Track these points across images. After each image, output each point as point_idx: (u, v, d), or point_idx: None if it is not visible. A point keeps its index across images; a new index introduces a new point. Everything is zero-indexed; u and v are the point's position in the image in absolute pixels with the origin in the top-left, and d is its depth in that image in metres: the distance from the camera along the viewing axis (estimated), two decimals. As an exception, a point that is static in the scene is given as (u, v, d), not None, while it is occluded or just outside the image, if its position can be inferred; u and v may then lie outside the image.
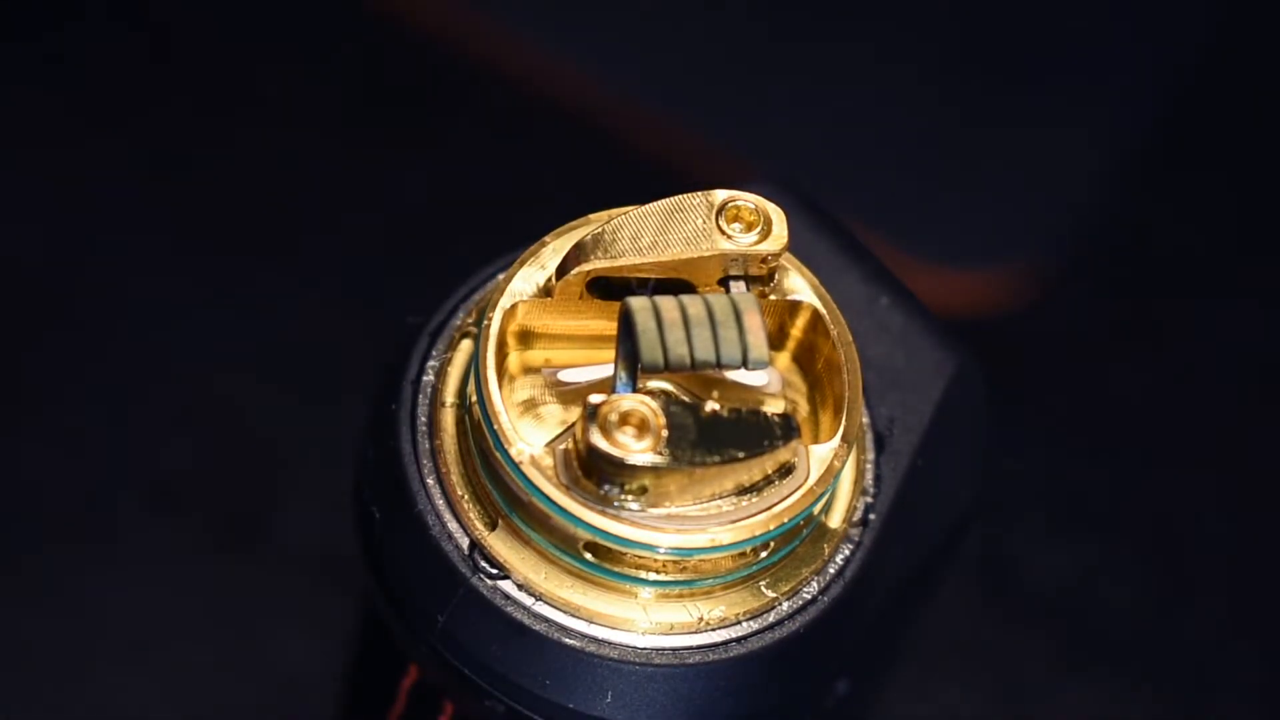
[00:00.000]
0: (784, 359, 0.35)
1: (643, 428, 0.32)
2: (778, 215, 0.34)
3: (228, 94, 0.63)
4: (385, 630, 0.36)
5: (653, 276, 0.34)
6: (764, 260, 0.34)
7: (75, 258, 0.60)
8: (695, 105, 0.64)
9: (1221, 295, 0.63)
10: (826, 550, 0.35)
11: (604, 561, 0.33)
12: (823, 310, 0.35)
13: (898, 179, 0.64)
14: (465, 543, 0.34)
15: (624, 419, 0.32)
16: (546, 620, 0.34)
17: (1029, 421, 0.60)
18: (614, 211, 0.35)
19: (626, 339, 0.33)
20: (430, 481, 0.34)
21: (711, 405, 0.33)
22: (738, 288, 0.34)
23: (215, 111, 0.63)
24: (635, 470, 0.32)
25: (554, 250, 0.35)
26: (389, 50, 0.64)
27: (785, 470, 0.33)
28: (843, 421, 0.34)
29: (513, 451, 0.33)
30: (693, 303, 0.33)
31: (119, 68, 0.63)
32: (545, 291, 0.34)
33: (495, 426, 0.33)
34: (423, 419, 0.35)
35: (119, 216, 0.60)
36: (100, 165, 0.61)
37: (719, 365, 0.33)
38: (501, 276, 0.35)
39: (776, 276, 0.35)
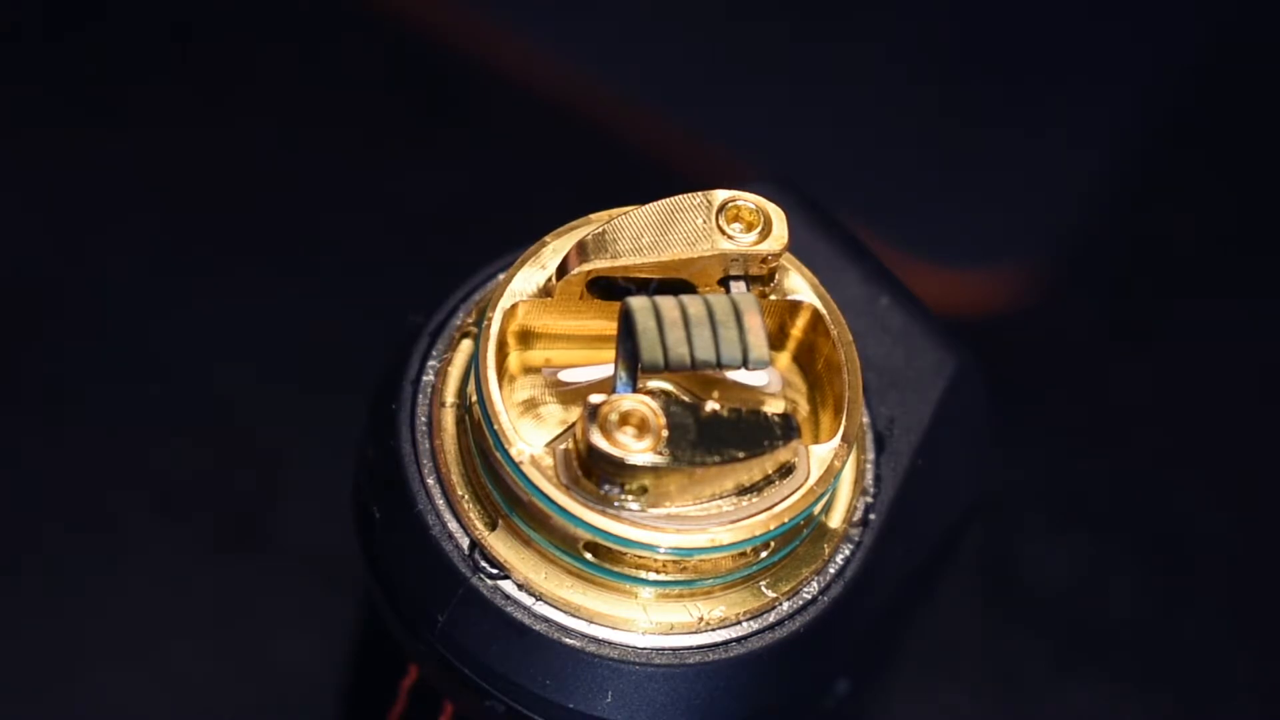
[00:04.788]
0: (784, 359, 0.35)
1: (643, 428, 0.32)
2: (778, 215, 0.34)
3: (228, 93, 0.63)
4: (385, 630, 0.36)
5: (653, 276, 0.34)
6: (764, 260, 0.34)
7: (75, 257, 0.60)
8: (695, 105, 0.64)
9: (1221, 295, 0.63)
10: (826, 550, 0.35)
11: (604, 561, 0.33)
12: (823, 310, 0.35)
13: (898, 179, 0.64)
14: (465, 543, 0.34)
15: (624, 419, 0.32)
16: (547, 620, 0.34)
17: (1029, 421, 0.60)
18: (614, 211, 0.35)
19: (626, 339, 0.33)
20: (430, 481, 0.34)
21: (711, 405, 0.33)
22: (738, 288, 0.34)
23: (216, 111, 0.62)
24: (635, 470, 0.32)
25: (554, 250, 0.35)
26: (389, 50, 0.64)
27: (785, 470, 0.33)
28: (843, 421, 0.34)
29: (513, 451, 0.33)
30: (693, 302, 0.33)
31: (119, 67, 0.63)
32: (545, 291, 0.34)
33: (495, 426, 0.33)
34: (423, 419, 0.35)
35: (119, 215, 0.60)
36: (100, 164, 0.61)
37: (719, 365, 0.32)
38: (502, 276, 0.35)
39: (776, 276, 0.35)
